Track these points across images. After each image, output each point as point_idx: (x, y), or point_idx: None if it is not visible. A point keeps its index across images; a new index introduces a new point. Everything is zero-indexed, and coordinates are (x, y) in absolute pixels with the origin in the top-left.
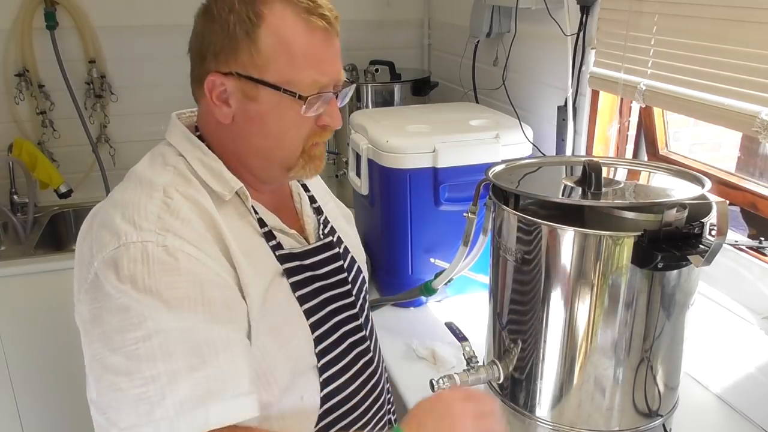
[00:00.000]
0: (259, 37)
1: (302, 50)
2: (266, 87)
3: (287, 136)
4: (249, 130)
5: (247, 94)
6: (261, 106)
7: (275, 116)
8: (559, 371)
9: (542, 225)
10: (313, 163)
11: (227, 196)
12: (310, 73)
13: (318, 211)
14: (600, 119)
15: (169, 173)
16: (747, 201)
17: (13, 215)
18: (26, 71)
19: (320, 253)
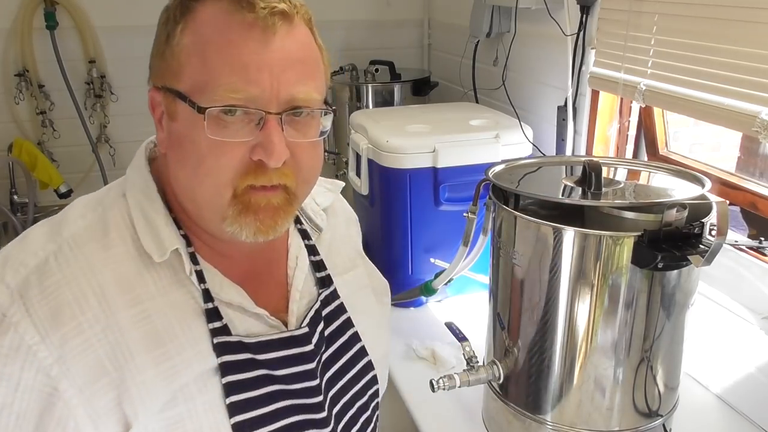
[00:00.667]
0: (176, 36)
1: (218, 49)
2: (181, 100)
3: (203, 168)
4: (174, 160)
5: (169, 111)
6: (179, 125)
7: (190, 139)
8: (559, 371)
9: (542, 225)
10: (249, 217)
11: (157, 257)
12: (226, 80)
13: (323, 282)
14: (600, 119)
15: (91, 216)
16: (747, 201)
17: (13, 215)
18: (26, 71)
19: (285, 348)
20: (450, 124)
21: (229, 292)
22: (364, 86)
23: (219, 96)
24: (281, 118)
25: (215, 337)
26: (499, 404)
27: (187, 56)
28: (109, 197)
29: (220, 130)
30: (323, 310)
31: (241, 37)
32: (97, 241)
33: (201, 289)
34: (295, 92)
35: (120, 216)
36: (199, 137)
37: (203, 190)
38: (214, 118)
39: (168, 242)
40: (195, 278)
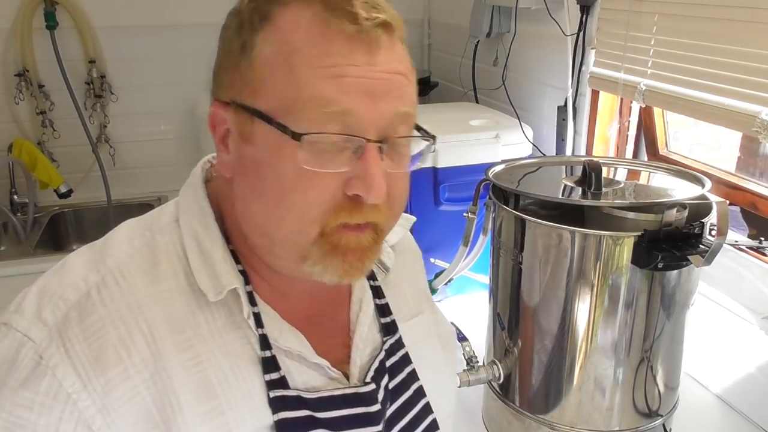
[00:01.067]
0: (256, 45)
1: (310, 60)
2: (261, 120)
3: (287, 202)
4: (245, 188)
5: (242, 132)
6: (256, 149)
7: (272, 167)
8: (559, 371)
9: (542, 225)
10: (336, 258)
11: (211, 296)
12: (318, 90)
13: (388, 329)
14: (600, 119)
15: (139, 242)
16: (747, 201)
17: (13, 215)
18: (26, 71)
19: (349, 407)
20: (450, 124)
21: (288, 339)
22: None
23: (310, 113)
24: (381, 147)
25: (271, 391)
26: (499, 404)
27: (270, 69)
28: (159, 222)
29: (312, 158)
30: (387, 361)
31: (340, 50)
32: (145, 273)
33: (258, 334)
34: (397, 117)
35: (171, 245)
36: (286, 166)
37: (284, 226)
38: (306, 144)
39: (226, 280)
40: (252, 322)
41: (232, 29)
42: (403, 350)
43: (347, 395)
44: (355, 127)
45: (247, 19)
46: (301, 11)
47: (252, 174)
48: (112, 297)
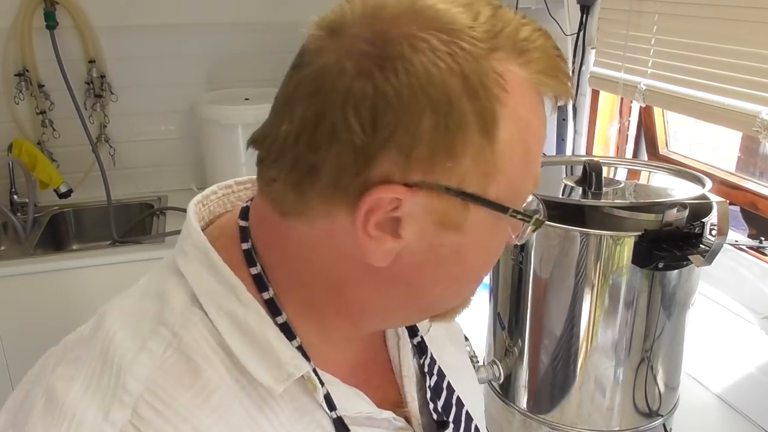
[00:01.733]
0: (499, 122)
1: (538, 140)
2: (484, 207)
3: (483, 274)
4: (433, 277)
5: (446, 221)
6: (464, 235)
7: (480, 250)
8: (560, 371)
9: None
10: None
11: (276, 387)
12: (534, 178)
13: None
14: (600, 119)
15: (159, 347)
16: (747, 201)
17: (12, 215)
18: (26, 71)
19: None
20: None
21: (356, 404)
22: None
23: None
24: None
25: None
26: (499, 404)
27: (511, 151)
28: (171, 312)
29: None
30: (429, 383)
31: (543, 115)
32: (188, 389)
33: (332, 417)
34: None
35: (203, 339)
36: (496, 248)
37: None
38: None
39: (292, 366)
40: (325, 404)
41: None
42: (436, 366)
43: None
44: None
45: (473, 82)
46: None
47: (449, 261)
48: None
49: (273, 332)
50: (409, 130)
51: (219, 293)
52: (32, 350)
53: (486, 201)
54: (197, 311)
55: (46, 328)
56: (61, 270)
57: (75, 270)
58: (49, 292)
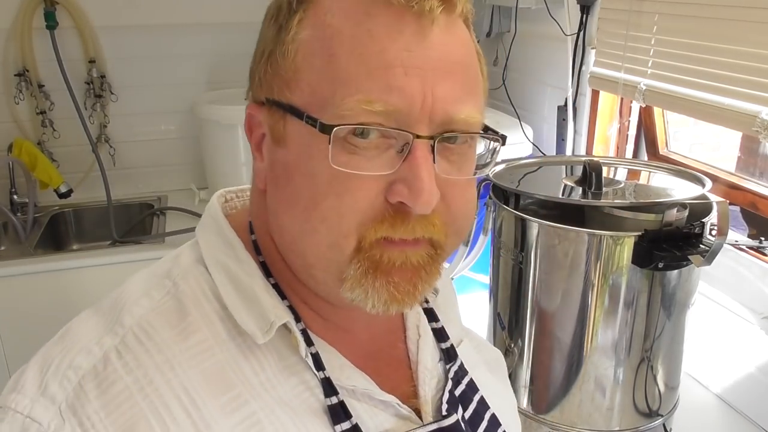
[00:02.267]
0: (290, 29)
1: (352, 44)
2: (294, 117)
3: (319, 211)
4: (276, 199)
5: (274, 134)
6: (288, 152)
7: (303, 171)
8: (560, 371)
9: (543, 225)
10: (378, 279)
11: (260, 336)
12: (362, 86)
13: (449, 355)
14: (600, 119)
15: (159, 293)
16: (747, 201)
17: (13, 215)
18: (26, 71)
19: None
20: None
21: (351, 376)
22: None
23: (349, 109)
24: (434, 145)
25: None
26: None
27: (305, 56)
28: (178, 267)
29: (348, 157)
30: (456, 390)
31: (387, 29)
32: (173, 327)
33: (320, 377)
34: (454, 110)
35: (199, 288)
36: (318, 167)
37: (317, 241)
38: (341, 140)
39: (274, 315)
40: (311, 362)
41: (268, 17)
42: (467, 377)
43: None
44: (401, 122)
45: (285, 2)
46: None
47: (283, 181)
48: (138, 360)
49: (260, 285)
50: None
51: (220, 251)
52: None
53: (282, 104)
54: (201, 267)
55: (46, 328)
56: (61, 270)
57: (75, 270)
58: (49, 292)
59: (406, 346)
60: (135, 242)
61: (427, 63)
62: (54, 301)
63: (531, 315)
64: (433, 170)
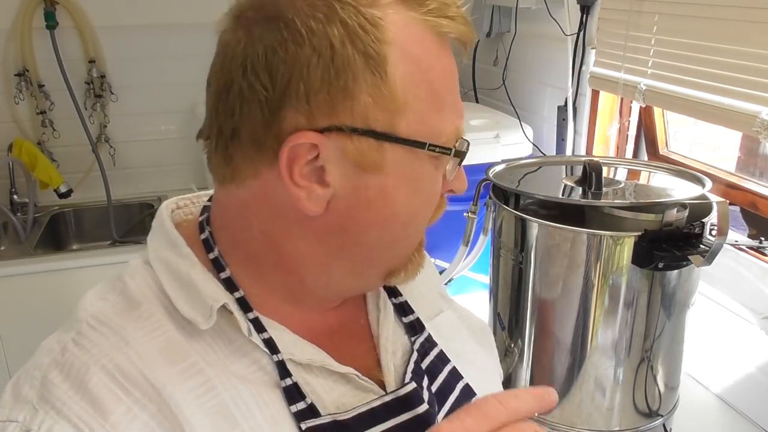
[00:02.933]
0: (387, 58)
1: (442, 78)
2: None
3: (418, 218)
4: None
5: (364, 162)
6: (386, 176)
7: (406, 190)
8: (560, 371)
9: (543, 225)
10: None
11: (201, 322)
12: (452, 114)
13: (414, 328)
14: (600, 119)
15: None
16: (747, 201)
17: (13, 215)
18: (26, 71)
19: (393, 415)
20: None
21: (305, 350)
22: None
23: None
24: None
25: (302, 422)
26: None
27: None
28: (127, 269)
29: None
30: (423, 363)
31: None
32: (126, 313)
33: (275, 359)
34: None
35: (146, 285)
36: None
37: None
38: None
39: (211, 298)
40: (259, 341)
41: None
42: (436, 349)
43: (388, 403)
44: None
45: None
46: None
47: (379, 203)
48: (93, 341)
49: (200, 275)
50: (302, 77)
51: (163, 250)
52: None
53: (396, 137)
54: (147, 267)
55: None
56: (61, 270)
57: (75, 270)
58: (49, 292)
59: (368, 322)
60: (135, 242)
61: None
62: (54, 301)
63: (531, 315)
64: None
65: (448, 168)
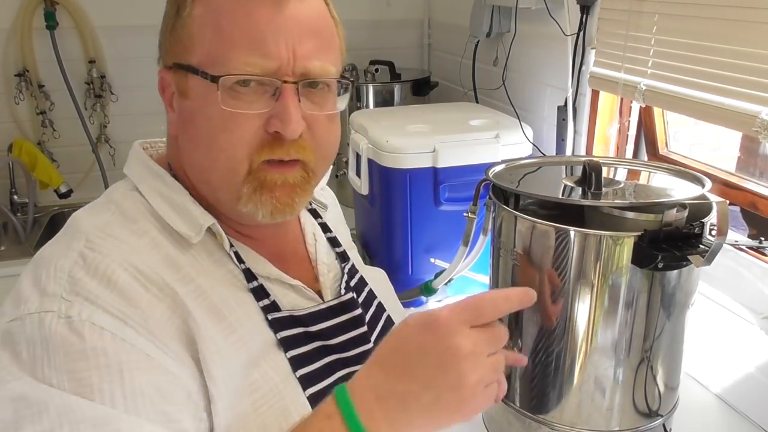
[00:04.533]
0: (186, 7)
1: (232, 19)
2: (193, 74)
3: (218, 143)
4: (186, 140)
5: (180, 89)
6: (191, 102)
7: (203, 115)
8: (560, 371)
9: (542, 225)
10: (264, 195)
11: (193, 237)
12: (243, 52)
13: (343, 256)
14: (600, 119)
15: (107, 214)
16: (747, 201)
17: (13, 215)
18: (26, 71)
19: (335, 316)
20: (450, 124)
21: (267, 268)
22: (364, 86)
23: (234, 67)
24: (297, 88)
25: (268, 314)
26: (500, 404)
27: (199, 28)
28: (116, 194)
29: (234, 101)
30: (350, 282)
31: (255, 5)
32: (126, 228)
33: (242, 268)
34: (311, 66)
35: (137, 208)
36: (213, 110)
37: (218, 168)
38: (228, 89)
39: (203, 219)
40: (234, 257)
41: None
42: (358, 274)
43: (333, 307)
44: (272, 74)
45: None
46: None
47: (189, 125)
48: (107, 249)
49: (189, 200)
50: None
51: (151, 179)
52: None
53: (183, 65)
54: (136, 193)
55: None
56: None
57: None
58: None
59: (306, 249)
60: None
61: (288, 30)
62: None
63: (530, 315)
64: (299, 107)
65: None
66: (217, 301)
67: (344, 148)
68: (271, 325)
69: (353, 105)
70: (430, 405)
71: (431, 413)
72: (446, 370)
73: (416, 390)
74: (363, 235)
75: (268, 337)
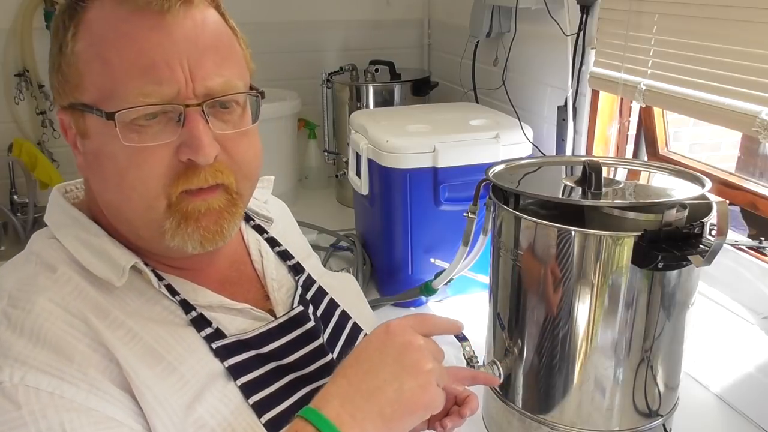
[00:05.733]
0: (68, 43)
1: (117, 47)
2: (88, 112)
3: (127, 182)
4: (96, 183)
5: (80, 130)
6: (92, 142)
7: (105, 153)
8: (559, 371)
9: (542, 225)
10: (189, 226)
11: (115, 279)
12: (135, 82)
13: (296, 269)
14: (600, 119)
15: (28, 266)
16: (747, 201)
17: (13, 215)
18: (26, 71)
19: (286, 333)
20: (450, 124)
21: (205, 296)
22: (364, 86)
23: (129, 100)
24: (203, 110)
25: (212, 343)
26: (500, 404)
27: (84, 63)
28: (36, 244)
29: (136, 135)
30: (306, 295)
31: (136, 27)
32: (47, 278)
33: (177, 301)
34: (212, 84)
35: (59, 255)
36: (115, 148)
37: (133, 207)
38: (128, 124)
39: (123, 260)
40: (166, 291)
41: (52, 34)
42: (315, 284)
43: (282, 324)
44: (173, 100)
45: (60, 20)
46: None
47: (95, 166)
48: (31, 304)
49: (107, 242)
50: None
51: (69, 225)
52: None
53: (77, 104)
54: (54, 242)
55: None
56: None
57: None
58: None
59: (254, 268)
60: None
61: (180, 50)
62: None
63: (530, 315)
64: (209, 130)
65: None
66: (152, 342)
67: (344, 148)
68: (217, 354)
69: (353, 105)
70: (396, 394)
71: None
72: (404, 362)
73: (380, 384)
74: (363, 235)
75: (214, 368)
